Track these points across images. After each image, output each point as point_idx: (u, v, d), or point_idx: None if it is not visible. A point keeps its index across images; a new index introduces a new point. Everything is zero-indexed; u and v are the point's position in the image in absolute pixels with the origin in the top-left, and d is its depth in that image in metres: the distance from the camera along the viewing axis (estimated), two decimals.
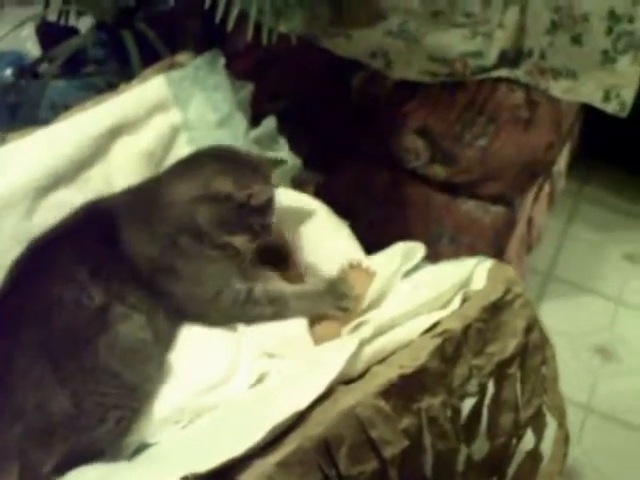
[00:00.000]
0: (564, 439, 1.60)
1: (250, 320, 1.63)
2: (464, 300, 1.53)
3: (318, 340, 1.64)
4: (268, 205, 1.63)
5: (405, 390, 1.38)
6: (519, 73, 2.20)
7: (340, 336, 1.63)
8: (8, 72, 2.52)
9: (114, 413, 1.46)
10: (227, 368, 1.58)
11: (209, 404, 1.53)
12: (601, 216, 2.96)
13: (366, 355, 1.41)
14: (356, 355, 1.39)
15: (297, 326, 1.64)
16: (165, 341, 1.58)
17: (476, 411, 1.58)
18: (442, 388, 1.44)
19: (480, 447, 1.63)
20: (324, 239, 1.82)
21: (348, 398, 1.32)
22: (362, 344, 1.40)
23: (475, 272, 1.58)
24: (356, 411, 1.31)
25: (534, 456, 1.66)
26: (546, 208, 2.68)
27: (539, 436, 1.63)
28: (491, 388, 1.57)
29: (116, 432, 1.47)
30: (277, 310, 1.63)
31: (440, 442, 1.46)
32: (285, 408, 1.29)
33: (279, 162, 1.89)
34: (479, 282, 1.55)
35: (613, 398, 2.35)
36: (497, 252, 2.29)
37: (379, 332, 1.44)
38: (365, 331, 1.43)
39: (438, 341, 1.42)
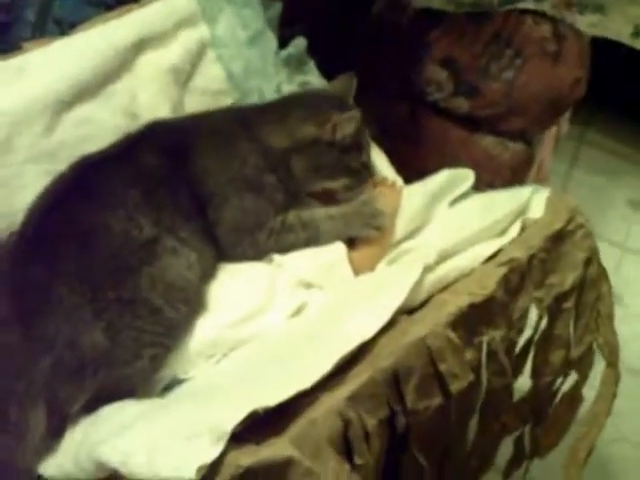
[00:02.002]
0: (614, 378, 1.54)
1: (285, 249, 1.55)
2: (523, 228, 1.45)
3: (357, 269, 1.54)
4: (359, 140, 1.60)
5: (471, 321, 1.31)
6: (545, 5, 2.12)
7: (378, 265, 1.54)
8: None
9: (149, 350, 1.37)
10: (263, 299, 1.48)
11: (244, 337, 1.44)
12: (604, 161, 2.93)
13: (428, 282, 1.35)
14: (420, 282, 1.31)
15: (335, 254, 1.56)
16: (209, 280, 1.49)
17: (525, 347, 1.50)
18: (503, 320, 1.37)
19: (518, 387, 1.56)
20: None
21: (418, 328, 1.25)
22: (426, 271, 1.31)
23: (532, 200, 1.50)
24: (427, 342, 1.23)
25: (574, 397, 1.61)
26: (552, 150, 2.61)
27: (584, 376, 1.58)
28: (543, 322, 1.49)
29: (149, 370, 1.38)
30: (310, 235, 1.55)
31: (496, 378, 1.40)
32: (351, 338, 1.21)
33: (306, 85, 1.77)
34: (537, 211, 1.50)
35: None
36: None
37: (442, 259, 1.35)
38: (427, 257, 1.33)
39: (504, 270, 1.35)
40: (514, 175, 2.24)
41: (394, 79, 2.22)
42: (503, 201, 1.53)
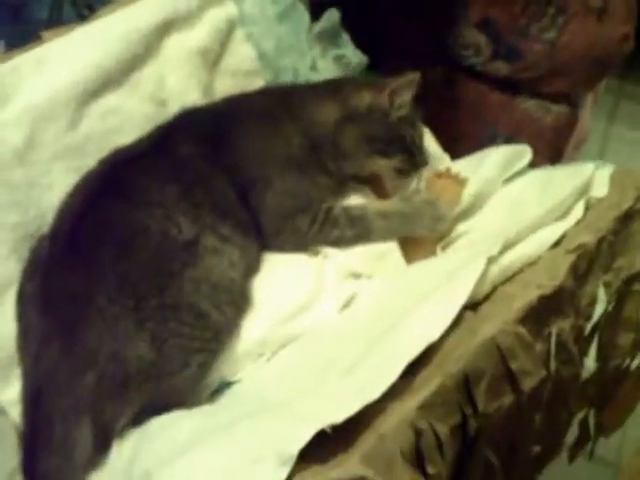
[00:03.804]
0: None
1: (331, 243, 1.48)
2: (587, 208, 1.37)
3: (409, 257, 1.46)
4: (412, 116, 1.52)
5: (540, 313, 1.23)
6: None
7: (435, 253, 1.45)
8: None
9: (197, 357, 1.30)
10: (310, 293, 1.42)
11: (295, 332, 1.38)
12: None
13: (493, 274, 1.26)
14: (484, 275, 1.22)
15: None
16: (252, 276, 1.42)
17: (591, 331, 1.42)
18: (572, 309, 1.29)
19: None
20: None
21: (487, 326, 1.17)
22: (490, 262, 1.22)
23: (595, 177, 1.41)
24: (497, 341, 1.15)
25: None
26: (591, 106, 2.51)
27: None
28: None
29: (198, 377, 1.31)
30: (359, 232, 1.47)
31: (564, 368, 1.32)
32: (417, 340, 1.13)
33: (342, 59, 1.67)
34: (601, 189, 1.41)
35: None
36: (556, 154, 2.15)
37: (505, 248, 1.26)
38: (492, 248, 1.25)
39: (573, 257, 1.27)
40: (557, 138, 2.16)
41: (428, 45, 2.12)
42: (564, 179, 1.45)
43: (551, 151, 2.15)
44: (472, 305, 1.24)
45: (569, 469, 1.61)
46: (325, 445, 1.01)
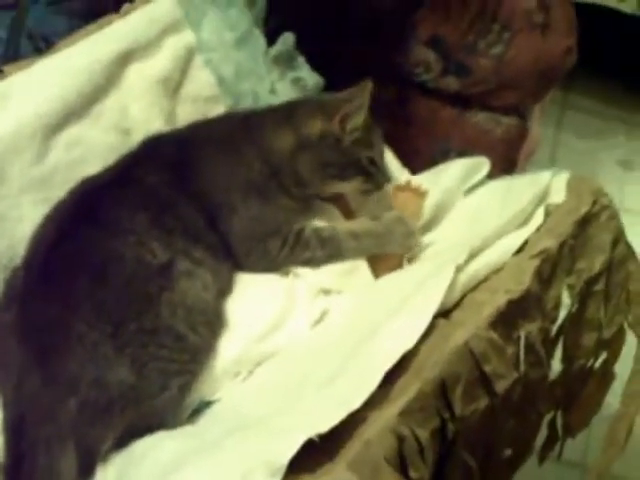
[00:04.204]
0: None
1: (302, 264, 1.50)
2: (547, 214, 1.42)
3: (376, 272, 1.50)
4: (368, 137, 1.53)
5: (509, 317, 1.27)
6: None
7: (401, 266, 1.49)
8: None
9: (177, 380, 1.32)
10: (282, 311, 1.45)
11: (268, 351, 1.41)
12: (589, 123, 2.90)
13: (461, 282, 1.31)
14: (453, 283, 1.26)
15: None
16: (226, 297, 1.45)
17: (557, 333, 1.47)
18: (538, 312, 1.34)
19: None
20: None
21: (460, 332, 1.21)
22: (458, 270, 1.27)
23: (552, 184, 1.46)
24: (470, 346, 1.20)
25: (605, 376, 1.58)
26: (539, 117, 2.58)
27: (615, 355, 1.55)
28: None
29: (178, 399, 1.33)
30: (330, 252, 1.49)
31: (533, 370, 1.36)
32: (393, 349, 1.17)
33: (299, 81, 1.71)
34: (559, 195, 1.46)
35: None
36: (508, 165, 2.18)
37: (471, 257, 1.31)
38: (458, 257, 1.29)
39: (537, 262, 1.31)
40: (509, 149, 2.20)
41: (380, 64, 2.16)
42: (523, 188, 1.49)
43: (504, 162, 2.20)
44: (443, 313, 1.28)
45: (537, 471, 1.64)
46: (311, 455, 1.03)
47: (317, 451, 1.04)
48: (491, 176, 1.69)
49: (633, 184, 2.68)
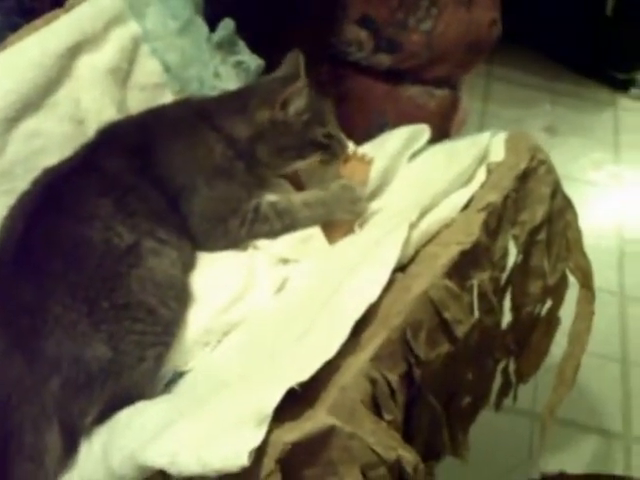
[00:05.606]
0: (590, 298, 1.61)
1: (259, 238, 1.57)
2: (489, 172, 1.50)
3: (330, 238, 1.57)
4: (318, 112, 1.59)
5: (462, 267, 1.35)
6: None
7: (353, 231, 1.57)
8: None
9: (152, 351, 1.38)
10: (244, 282, 1.51)
11: (235, 319, 1.47)
12: (514, 93, 3.01)
13: (414, 238, 1.38)
14: (407, 240, 1.34)
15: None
16: (190, 272, 1.52)
17: (506, 282, 1.56)
18: (488, 262, 1.42)
19: None
20: None
21: (419, 283, 1.29)
22: (411, 228, 1.35)
23: (491, 144, 1.55)
24: (430, 294, 1.28)
25: (551, 321, 1.68)
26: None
27: (559, 301, 1.65)
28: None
29: (154, 369, 1.39)
30: (286, 223, 1.56)
31: (487, 317, 1.45)
32: (359, 302, 1.24)
33: (241, 64, 1.78)
34: (498, 154, 1.54)
35: None
36: (442, 135, 2.23)
37: (422, 215, 1.39)
38: (410, 216, 1.37)
39: (484, 215, 1.40)
40: (442, 120, 2.29)
41: (313, 43, 2.22)
42: (465, 149, 1.57)
43: (438, 133, 2.24)
44: (400, 268, 1.36)
45: (488, 421, 1.68)
46: (293, 404, 1.10)
47: (298, 400, 1.11)
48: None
49: (558, 148, 2.78)
